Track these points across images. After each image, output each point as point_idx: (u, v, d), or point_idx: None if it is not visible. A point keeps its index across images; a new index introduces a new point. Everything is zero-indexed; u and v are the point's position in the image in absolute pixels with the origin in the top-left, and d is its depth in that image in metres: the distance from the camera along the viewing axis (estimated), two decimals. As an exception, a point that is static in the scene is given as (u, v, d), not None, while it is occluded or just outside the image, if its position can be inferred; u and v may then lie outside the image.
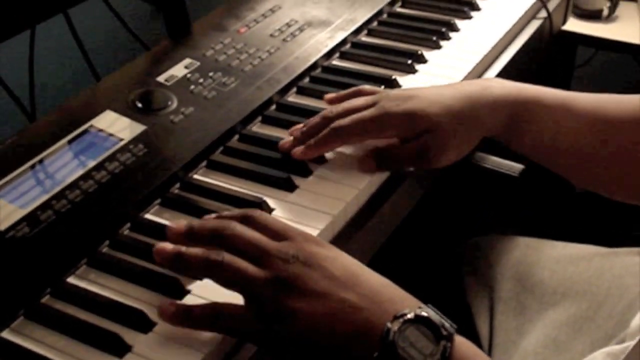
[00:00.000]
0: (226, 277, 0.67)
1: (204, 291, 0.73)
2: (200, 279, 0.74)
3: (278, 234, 0.70)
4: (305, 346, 0.65)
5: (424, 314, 0.64)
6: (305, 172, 0.88)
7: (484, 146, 0.93)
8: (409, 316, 0.63)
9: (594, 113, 0.85)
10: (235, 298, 0.68)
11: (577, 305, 0.92)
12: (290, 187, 0.86)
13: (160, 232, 0.80)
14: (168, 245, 0.71)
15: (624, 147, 0.84)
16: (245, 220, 0.71)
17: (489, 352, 0.92)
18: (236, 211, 0.74)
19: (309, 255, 0.67)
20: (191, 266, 0.69)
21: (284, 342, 0.65)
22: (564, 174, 0.90)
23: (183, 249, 0.70)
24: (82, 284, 0.75)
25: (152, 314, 0.70)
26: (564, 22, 1.44)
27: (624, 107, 0.85)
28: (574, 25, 1.47)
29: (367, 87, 0.95)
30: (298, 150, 0.88)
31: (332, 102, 0.95)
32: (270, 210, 0.83)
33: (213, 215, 0.76)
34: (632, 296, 0.90)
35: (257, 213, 0.72)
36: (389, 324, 0.63)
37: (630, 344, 0.75)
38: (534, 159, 0.90)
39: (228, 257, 0.67)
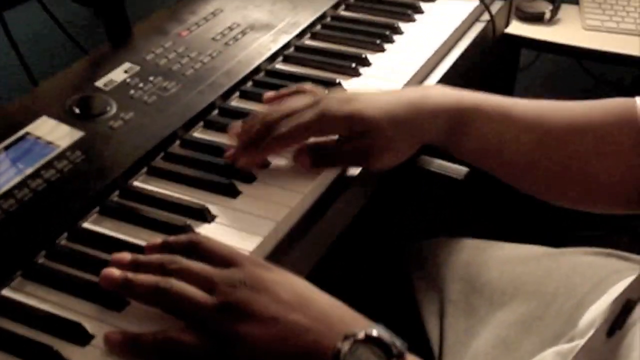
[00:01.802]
0: (174, 305, 0.67)
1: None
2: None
3: (224, 260, 0.69)
4: None
5: (375, 333, 0.63)
6: (249, 178, 0.86)
7: (429, 149, 0.92)
8: (359, 336, 0.63)
9: (533, 121, 0.86)
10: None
11: (526, 305, 0.92)
12: (234, 193, 0.84)
13: (99, 241, 0.79)
14: (115, 271, 0.70)
15: (563, 154, 0.85)
16: (191, 248, 0.71)
17: (440, 355, 0.92)
18: (181, 237, 0.73)
19: (256, 280, 0.66)
20: (138, 292, 0.68)
21: None
22: (506, 180, 0.90)
23: (131, 275, 0.69)
24: (17, 297, 0.73)
25: (91, 327, 0.68)
26: (507, 25, 1.45)
27: (562, 115, 0.85)
28: (516, 28, 1.48)
29: (307, 85, 0.94)
30: (241, 161, 0.87)
31: (272, 101, 0.95)
32: (212, 217, 0.81)
33: (159, 240, 0.74)
34: (580, 295, 0.91)
35: (203, 239, 0.72)
36: (339, 344, 0.62)
37: (579, 342, 0.76)
38: (475, 165, 0.90)
39: (176, 285, 0.66)
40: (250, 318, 0.64)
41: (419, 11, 1.22)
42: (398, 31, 1.16)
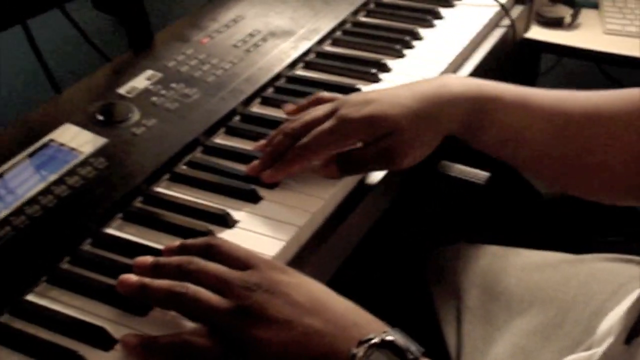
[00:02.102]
0: (190, 309, 0.67)
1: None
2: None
3: (241, 262, 0.69)
4: None
5: (390, 338, 0.63)
6: (271, 184, 0.87)
7: (449, 154, 0.93)
8: (374, 341, 0.62)
9: (552, 110, 0.85)
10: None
11: (544, 313, 0.92)
12: (255, 199, 0.85)
13: (122, 246, 0.79)
14: (132, 277, 0.70)
15: (581, 143, 0.84)
16: (208, 250, 0.71)
17: (457, 362, 0.92)
18: (199, 240, 0.73)
19: (272, 283, 0.67)
20: (155, 297, 0.69)
21: None
22: (524, 170, 0.90)
23: (147, 280, 0.69)
24: (42, 302, 0.73)
25: (114, 331, 0.69)
26: (527, 30, 1.45)
27: (581, 104, 0.85)
28: (536, 33, 1.48)
29: (325, 94, 0.94)
30: (266, 175, 0.87)
31: (292, 113, 0.94)
32: (234, 222, 0.82)
33: (177, 242, 0.75)
34: (598, 303, 0.90)
35: (220, 242, 0.72)
36: (354, 350, 0.62)
37: (597, 350, 0.76)
38: (496, 156, 0.89)
39: (192, 289, 0.67)
40: (265, 321, 0.64)
41: (439, 17, 1.23)
42: (418, 37, 1.17)
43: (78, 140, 0.90)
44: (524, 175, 0.90)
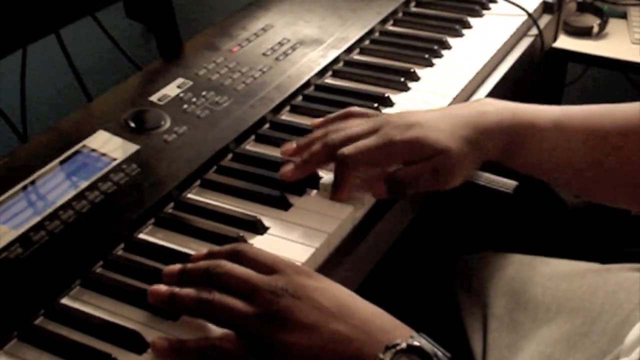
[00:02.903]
0: (217, 315, 0.68)
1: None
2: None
3: (267, 267, 0.70)
4: None
5: (416, 343, 0.63)
6: (300, 191, 0.87)
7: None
8: (401, 346, 0.63)
9: (586, 128, 0.85)
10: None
11: (571, 322, 0.92)
12: (285, 206, 0.86)
13: (154, 252, 0.80)
14: (162, 287, 0.71)
15: (616, 159, 0.85)
16: (235, 256, 0.72)
17: (484, 370, 0.92)
18: (226, 247, 0.74)
19: (299, 288, 0.67)
20: (184, 306, 0.70)
21: None
22: (562, 188, 0.90)
23: (176, 289, 0.70)
24: (76, 305, 0.75)
25: (147, 335, 0.70)
26: (555, 39, 1.45)
27: (614, 120, 0.85)
28: (564, 42, 1.48)
29: (356, 108, 0.93)
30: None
31: (318, 126, 0.93)
32: (265, 228, 0.83)
33: (204, 251, 0.76)
34: (626, 312, 0.90)
35: (247, 247, 0.73)
36: (380, 355, 0.63)
37: (625, 360, 0.75)
38: (533, 175, 0.91)
39: (218, 296, 0.68)
40: (291, 326, 0.65)
41: (467, 26, 1.23)
42: (446, 46, 1.17)
43: (110, 146, 0.91)
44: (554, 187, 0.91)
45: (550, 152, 0.87)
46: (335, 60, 1.13)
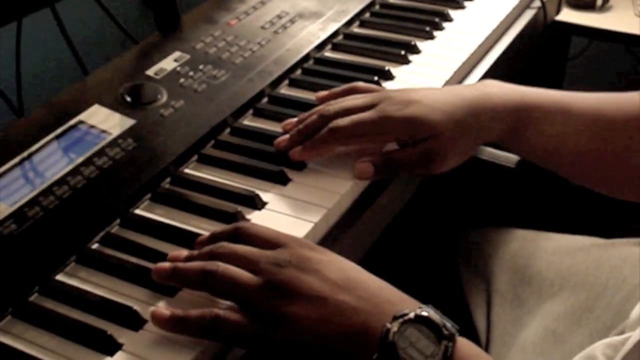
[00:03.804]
0: (221, 287, 0.67)
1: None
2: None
3: (270, 242, 0.69)
4: (304, 350, 0.64)
5: (425, 313, 0.62)
6: (299, 165, 0.86)
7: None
8: (409, 316, 0.62)
9: (593, 115, 0.85)
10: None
11: (575, 297, 0.91)
12: (284, 181, 0.84)
13: (150, 227, 0.79)
14: (165, 264, 0.70)
15: (624, 147, 0.84)
16: (237, 235, 0.71)
17: (487, 345, 0.91)
18: (227, 227, 0.73)
19: (303, 260, 0.67)
20: (187, 278, 0.69)
21: (281, 347, 0.64)
22: (563, 174, 0.89)
23: (180, 264, 0.69)
24: (71, 282, 0.74)
25: (143, 311, 0.69)
26: (558, 12, 1.43)
27: (623, 106, 0.84)
28: (567, 15, 1.46)
29: (361, 84, 0.93)
30: (296, 151, 0.86)
31: (324, 100, 0.93)
32: (263, 203, 0.81)
33: (205, 235, 0.75)
34: (631, 287, 0.89)
35: (247, 225, 0.73)
36: (388, 325, 0.62)
37: (630, 334, 0.74)
38: (533, 160, 0.90)
39: (222, 267, 0.67)
40: (296, 298, 0.64)
41: (469, -2, 1.21)
42: (447, 18, 1.15)
43: (106, 121, 0.90)
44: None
45: (555, 136, 0.86)
46: (335, 34, 1.11)
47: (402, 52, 1.06)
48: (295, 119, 0.90)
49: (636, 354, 0.69)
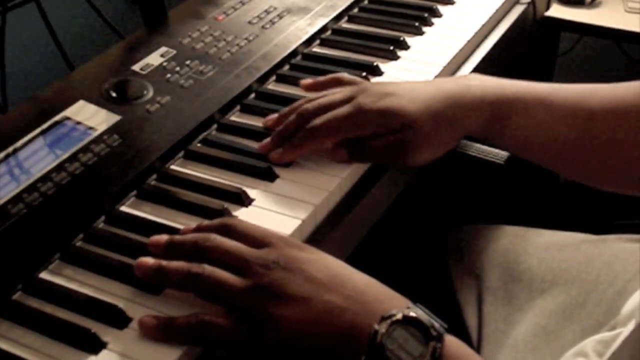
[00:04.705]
0: (208, 289, 0.66)
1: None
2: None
3: (258, 240, 0.69)
4: (292, 351, 0.64)
5: (413, 314, 0.62)
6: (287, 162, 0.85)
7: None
8: (397, 317, 0.62)
9: (574, 108, 0.84)
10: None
11: (567, 293, 0.91)
12: (271, 177, 0.84)
13: (136, 224, 0.78)
14: (149, 260, 0.70)
15: (605, 140, 0.83)
16: (225, 230, 0.70)
17: (478, 343, 0.91)
18: (215, 221, 0.73)
19: (290, 260, 0.66)
20: (172, 279, 0.68)
21: (269, 349, 0.64)
22: (547, 166, 0.89)
23: (164, 262, 0.68)
24: (56, 280, 0.73)
25: (128, 310, 0.68)
26: (548, 7, 1.42)
27: (603, 97, 0.84)
28: (557, 11, 1.45)
29: (345, 75, 0.93)
30: (275, 154, 0.86)
31: (308, 88, 0.94)
32: (250, 200, 0.80)
33: (192, 225, 0.74)
34: (622, 283, 0.89)
35: (236, 221, 0.72)
36: (376, 326, 0.61)
37: (621, 331, 0.74)
38: (516, 153, 0.90)
39: (208, 269, 0.66)
40: (283, 299, 0.64)
41: (458, -7, 1.21)
42: (436, 13, 1.15)
43: (92, 117, 0.89)
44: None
45: (536, 128, 0.85)
46: (323, 29, 1.10)
47: (391, 48, 1.05)
48: (276, 115, 0.90)
49: (627, 349, 0.69)
